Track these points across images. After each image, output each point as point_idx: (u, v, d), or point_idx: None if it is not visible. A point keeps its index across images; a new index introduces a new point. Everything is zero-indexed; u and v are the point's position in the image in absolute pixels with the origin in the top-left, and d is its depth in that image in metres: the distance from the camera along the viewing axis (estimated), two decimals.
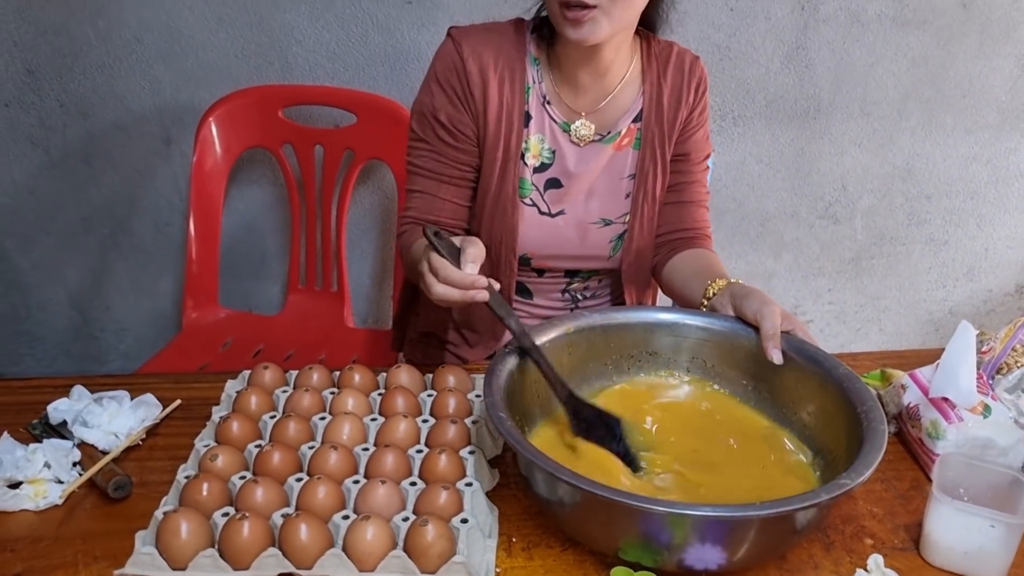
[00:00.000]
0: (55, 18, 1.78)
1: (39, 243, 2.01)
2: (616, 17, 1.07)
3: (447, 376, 1.07)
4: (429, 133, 1.22)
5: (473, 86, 1.18)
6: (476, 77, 1.18)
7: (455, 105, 1.19)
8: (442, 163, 1.23)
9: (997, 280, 2.31)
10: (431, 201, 1.24)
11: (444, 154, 1.22)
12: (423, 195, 1.24)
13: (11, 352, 2.13)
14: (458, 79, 1.18)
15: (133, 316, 2.13)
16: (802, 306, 2.28)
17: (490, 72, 1.18)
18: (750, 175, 2.10)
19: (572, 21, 1.06)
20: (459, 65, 1.18)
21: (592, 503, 0.78)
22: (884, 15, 1.94)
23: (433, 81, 1.21)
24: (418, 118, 1.23)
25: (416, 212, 1.25)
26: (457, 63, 1.18)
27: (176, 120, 1.89)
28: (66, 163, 1.93)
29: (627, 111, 1.24)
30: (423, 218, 1.24)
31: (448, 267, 0.94)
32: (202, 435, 1.00)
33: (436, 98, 1.20)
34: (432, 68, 1.22)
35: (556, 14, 1.08)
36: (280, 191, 1.99)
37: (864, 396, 0.90)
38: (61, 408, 1.04)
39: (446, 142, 1.21)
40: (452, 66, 1.19)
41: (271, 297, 2.11)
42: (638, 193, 1.27)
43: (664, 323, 1.07)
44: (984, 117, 2.08)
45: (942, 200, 2.18)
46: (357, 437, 0.96)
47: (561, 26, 1.09)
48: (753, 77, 1.99)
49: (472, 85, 1.18)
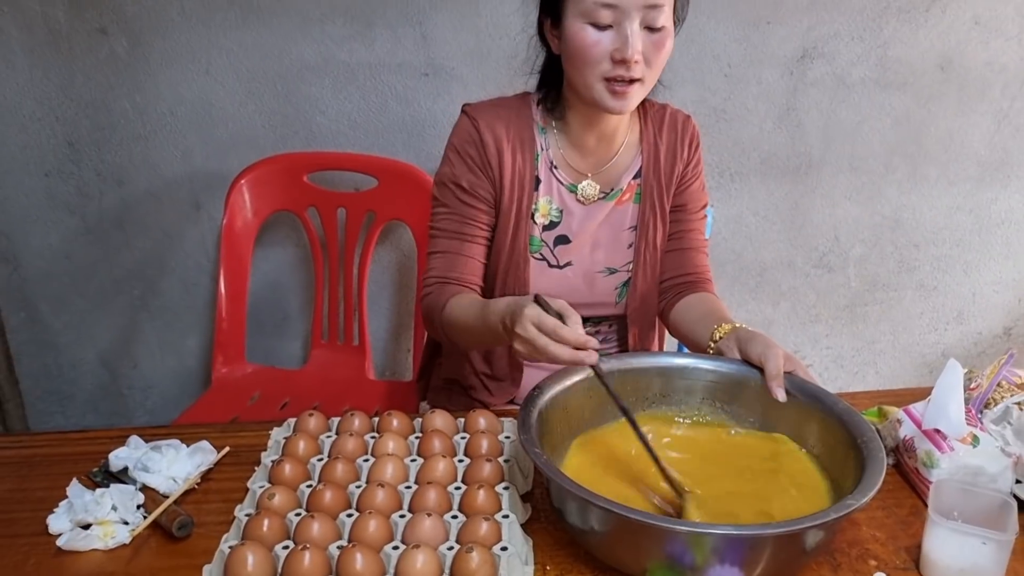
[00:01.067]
0: (95, 94, 1.91)
1: (72, 305, 2.11)
2: (648, 86, 1.20)
3: (478, 419, 1.16)
4: (451, 198, 1.32)
5: (490, 155, 1.29)
6: (492, 147, 1.29)
7: (474, 172, 1.30)
8: (464, 223, 1.32)
9: (986, 323, 2.41)
10: (454, 259, 1.33)
11: (465, 215, 1.32)
12: (446, 255, 1.33)
13: (42, 411, 2.21)
14: (476, 149, 1.29)
15: (159, 373, 2.22)
16: (801, 351, 2.37)
17: (504, 142, 1.29)
18: (748, 228, 2.21)
19: (618, 93, 1.17)
20: (476, 137, 1.29)
21: (620, 525, 0.86)
22: (868, 78, 2.08)
23: (453, 152, 1.32)
24: (440, 187, 1.34)
25: (439, 271, 1.33)
26: (474, 135, 1.29)
27: (205, 186, 2.01)
28: (100, 228, 2.04)
29: (627, 169, 1.36)
30: (446, 276, 1.32)
31: (563, 327, 1.00)
32: (255, 477, 1.08)
33: (456, 167, 1.31)
34: (451, 142, 1.33)
35: (596, 87, 1.18)
36: (302, 252, 2.09)
37: (863, 428, 0.98)
38: (122, 455, 1.12)
39: (467, 203, 1.31)
40: (470, 138, 1.30)
41: (292, 353, 2.20)
42: (640, 243, 1.38)
43: (677, 367, 1.16)
44: (965, 170, 2.21)
45: (930, 248, 2.29)
46: (400, 476, 1.04)
47: (602, 97, 1.19)
48: (748, 136, 2.11)
49: (489, 154, 1.29)
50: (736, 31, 2.00)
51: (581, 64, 1.17)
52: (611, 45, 1.14)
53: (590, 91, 1.19)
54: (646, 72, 1.17)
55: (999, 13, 2.04)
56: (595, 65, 1.16)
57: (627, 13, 1.12)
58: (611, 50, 1.14)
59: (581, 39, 1.15)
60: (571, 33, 1.16)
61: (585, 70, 1.17)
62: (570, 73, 1.23)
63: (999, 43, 2.07)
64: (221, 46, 1.89)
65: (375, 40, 1.91)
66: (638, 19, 1.13)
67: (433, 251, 1.35)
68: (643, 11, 1.13)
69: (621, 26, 1.13)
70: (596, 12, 1.13)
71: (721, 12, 1.96)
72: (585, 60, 1.16)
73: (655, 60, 1.17)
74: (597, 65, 1.16)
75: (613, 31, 1.14)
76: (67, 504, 1.03)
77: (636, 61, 1.14)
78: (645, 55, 1.15)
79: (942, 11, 2.02)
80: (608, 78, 1.16)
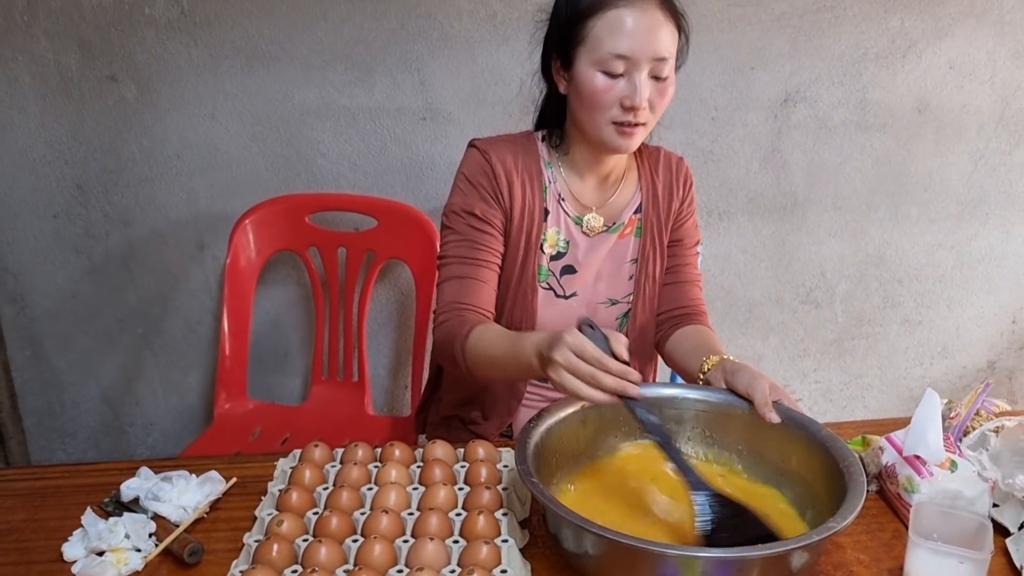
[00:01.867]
0: (104, 138, 1.97)
1: (77, 343, 2.15)
2: (650, 128, 1.29)
3: (477, 449, 1.20)
4: (463, 226, 1.36)
5: (501, 185, 1.35)
6: (503, 178, 1.35)
7: (487, 201, 1.35)
8: (475, 248, 1.35)
9: (970, 357, 2.47)
10: (468, 285, 1.33)
11: (477, 241, 1.35)
12: (460, 280, 1.33)
13: (44, 448, 2.24)
14: (488, 179, 1.35)
15: (161, 411, 2.25)
16: (790, 385, 2.42)
17: (514, 174, 1.36)
18: (736, 265, 2.28)
19: (625, 134, 1.25)
20: (487, 168, 1.35)
21: (612, 550, 0.90)
22: (848, 120, 2.16)
23: (464, 183, 1.37)
24: (451, 216, 1.38)
25: (452, 297, 1.33)
26: (485, 166, 1.35)
27: (209, 227, 2.07)
28: (106, 268, 2.09)
29: (628, 204, 1.43)
30: (462, 302, 1.32)
31: (606, 357, 1.00)
32: (262, 505, 1.12)
33: (468, 196, 1.36)
34: (461, 173, 1.38)
35: (605, 127, 1.26)
36: (303, 290, 2.15)
37: (844, 453, 1.03)
38: (133, 486, 1.16)
39: (479, 230, 1.35)
40: (481, 169, 1.36)
41: (292, 389, 2.24)
42: (640, 275, 1.44)
43: (667, 397, 1.20)
44: (945, 208, 2.28)
45: (913, 284, 2.36)
46: (403, 503, 1.09)
47: (610, 138, 1.26)
48: (735, 177, 2.19)
49: (500, 184, 1.35)
50: (722, 77, 2.08)
51: (592, 108, 1.25)
52: (621, 93, 1.22)
53: (598, 132, 1.27)
54: (650, 117, 1.26)
55: (972, 58, 2.13)
56: (606, 110, 1.24)
57: (638, 64, 1.20)
58: (621, 97, 1.22)
59: (594, 86, 1.23)
60: (584, 79, 1.24)
61: (595, 113, 1.25)
62: (579, 113, 1.30)
63: (973, 87, 2.16)
64: (227, 92, 1.97)
65: (375, 86, 1.99)
66: (647, 70, 1.21)
67: (444, 278, 1.36)
68: (652, 63, 1.21)
69: (631, 76, 1.21)
70: (610, 62, 1.21)
71: (707, 59, 2.05)
72: (596, 105, 1.24)
73: (659, 106, 1.25)
74: (608, 110, 1.24)
75: (624, 79, 1.22)
76: (81, 532, 1.06)
77: (643, 108, 1.23)
78: (651, 101, 1.23)
79: (918, 57, 2.11)
80: (616, 122, 1.24)
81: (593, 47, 1.22)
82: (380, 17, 1.93)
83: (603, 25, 1.21)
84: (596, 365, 1.00)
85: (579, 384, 1.00)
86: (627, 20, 1.19)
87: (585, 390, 1.00)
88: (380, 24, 1.94)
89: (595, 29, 1.21)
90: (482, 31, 1.96)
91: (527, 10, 1.93)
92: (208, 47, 1.92)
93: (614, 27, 1.20)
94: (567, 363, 1.01)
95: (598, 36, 1.21)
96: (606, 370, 1.00)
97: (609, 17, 1.20)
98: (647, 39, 1.20)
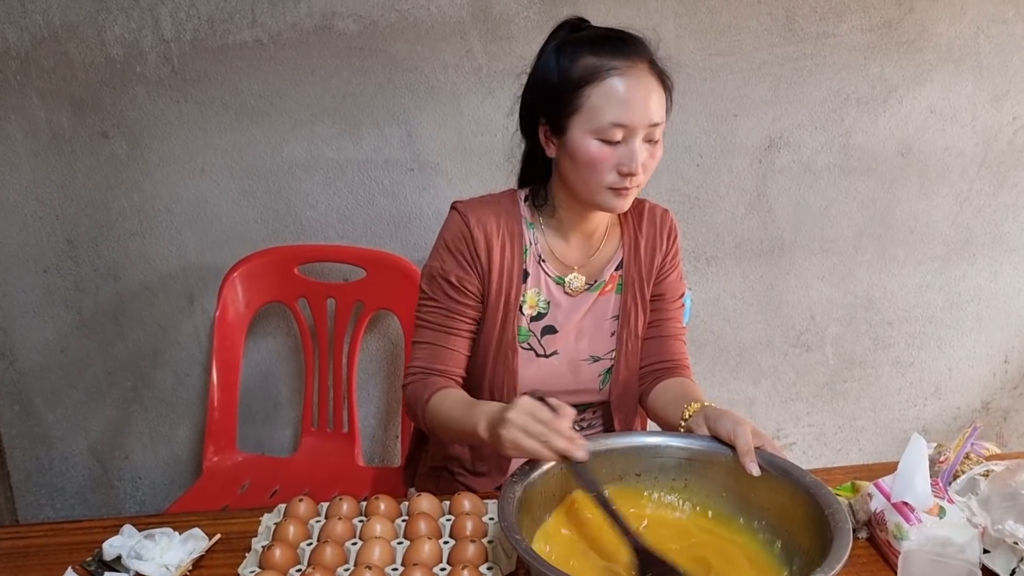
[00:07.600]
0: (95, 193, 1.99)
1: (65, 397, 2.14)
2: (643, 186, 1.29)
3: (463, 501, 1.20)
4: (439, 292, 1.38)
5: (479, 250, 1.35)
6: (482, 243, 1.35)
7: (463, 268, 1.36)
8: (449, 317, 1.38)
9: (964, 398, 2.46)
10: (438, 351, 1.38)
11: (451, 309, 1.38)
12: (431, 346, 1.38)
13: (32, 504, 2.22)
14: (466, 245, 1.36)
15: (150, 464, 2.23)
16: (784, 429, 2.41)
17: (494, 237, 1.36)
18: (725, 310, 2.28)
19: (620, 195, 1.27)
20: (466, 233, 1.36)
21: None
22: (833, 164, 2.19)
23: (443, 248, 1.38)
24: (428, 280, 1.40)
25: (423, 362, 1.38)
26: (464, 232, 1.36)
27: (199, 280, 2.07)
28: (96, 322, 2.09)
29: (610, 261, 1.43)
30: (430, 367, 1.37)
31: (557, 420, 1.07)
32: (246, 563, 1.10)
33: (446, 262, 1.37)
34: (441, 237, 1.39)
35: (600, 192, 1.27)
36: (292, 341, 2.15)
37: (829, 500, 1.02)
38: (115, 544, 1.14)
39: (454, 299, 1.37)
40: (460, 235, 1.36)
41: (283, 440, 2.23)
42: (622, 331, 1.44)
43: (649, 446, 1.19)
44: (932, 249, 2.30)
45: (903, 325, 2.36)
46: (387, 558, 1.07)
47: (607, 200, 1.28)
48: (721, 222, 2.20)
49: (479, 250, 1.35)
50: (706, 124, 2.11)
51: (588, 174, 1.26)
52: (619, 160, 1.24)
53: (592, 197, 1.28)
54: (643, 178, 1.27)
55: (952, 103, 2.16)
56: (603, 175, 1.25)
57: (635, 131, 1.22)
58: (618, 164, 1.24)
59: (591, 154, 1.24)
60: (579, 146, 1.24)
61: (591, 179, 1.26)
62: (571, 178, 1.30)
63: (954, 130, 2.19)
64: (216, 146, 1.99)
65: (362, 138, 2.01)
66: (642, 135, 1.23)
67: (418, 341, 1.40)
68: (647, 129, 1.23)
69: (628, 142, 1.23)
70: (610, 131, 1.22)
71: (691, 106, 2.08)
72: (593, 171, 1.25)
73: (651, 167, 1.27)
74: (605, 176, 1.25)
75: (621, 146, 1.23)
76: None
77: (639, 173, 1.24)
78: (643, 163, 1.25)
79: (899, 101, 2.15)
80: (612, 187, 1.26)
81: (590, 116, 1.22)
82: (367, 71, 1.96)
83: (600, 94, 1.21)
84: (548, 427, 1.06)
85: (530, 441, 1.07)
86: (624, 89, 1.21)
87: (536, 448, 1.07)
88: (367, 78, 1.97)
89: (592, 99, 1.22)
90: (467, 84, 1.99)
91: (511, 63, 1.96)
92: (198, 103, 1.95)
93: (611, 96, 1.21)
94: (521, 423, 1.07)
95: (595, 105, 1.21)
96: (557, 432, 1.06)
97: (606, 86, 1.21)
98: (644, 107, 1.21)
